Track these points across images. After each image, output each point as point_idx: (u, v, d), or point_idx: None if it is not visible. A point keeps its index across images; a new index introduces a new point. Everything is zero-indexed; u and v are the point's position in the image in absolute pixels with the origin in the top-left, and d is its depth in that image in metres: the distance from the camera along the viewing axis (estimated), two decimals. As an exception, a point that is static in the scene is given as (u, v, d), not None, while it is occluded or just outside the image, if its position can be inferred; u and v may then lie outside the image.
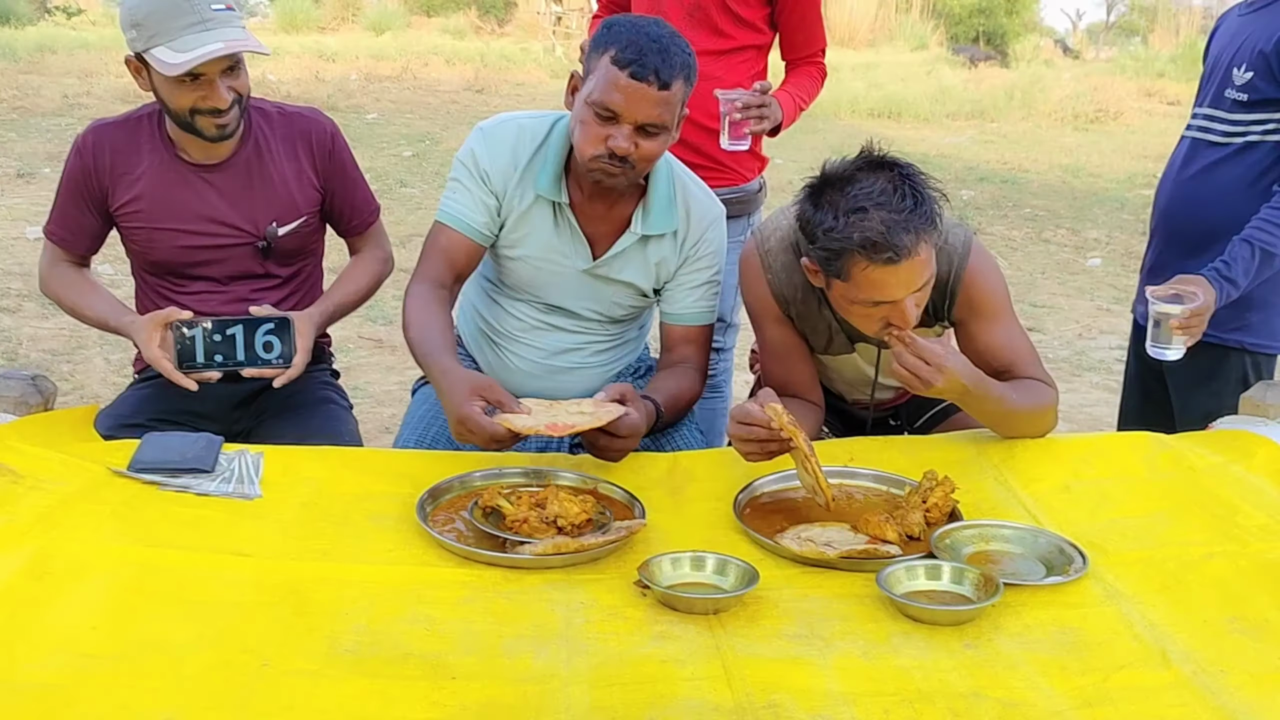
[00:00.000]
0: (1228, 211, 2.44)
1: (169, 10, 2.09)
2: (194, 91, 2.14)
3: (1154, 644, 1.48)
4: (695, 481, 2.01)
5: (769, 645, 1.48)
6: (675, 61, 1.99)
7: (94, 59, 14.38)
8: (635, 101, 1.99)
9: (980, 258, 2.11)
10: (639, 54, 1.97)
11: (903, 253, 1.83)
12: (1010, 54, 20.80)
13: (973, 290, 2.10)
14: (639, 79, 1.97)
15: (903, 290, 1.88)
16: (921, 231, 1.84)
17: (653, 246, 2.23)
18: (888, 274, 1.85)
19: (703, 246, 2.26)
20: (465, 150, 2.22)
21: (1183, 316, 2.20)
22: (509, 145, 2.19)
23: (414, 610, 1.54)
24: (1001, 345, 2.12)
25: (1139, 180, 10.32)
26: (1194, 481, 1.97)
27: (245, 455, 1.98)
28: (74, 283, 2.36)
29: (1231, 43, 2.55)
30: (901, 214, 1.82)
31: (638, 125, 2.01)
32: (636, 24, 2.02)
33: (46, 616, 1.45)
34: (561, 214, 2.19)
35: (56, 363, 4.75)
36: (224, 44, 2.10)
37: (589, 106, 2.02)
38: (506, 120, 2.23)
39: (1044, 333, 5.72)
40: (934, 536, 1.74)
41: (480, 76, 15.39)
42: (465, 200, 2.20)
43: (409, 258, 6.36)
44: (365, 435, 3.19)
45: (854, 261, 1.86)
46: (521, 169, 2.18)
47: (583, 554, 1.69)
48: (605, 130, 2.02)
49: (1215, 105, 2.54)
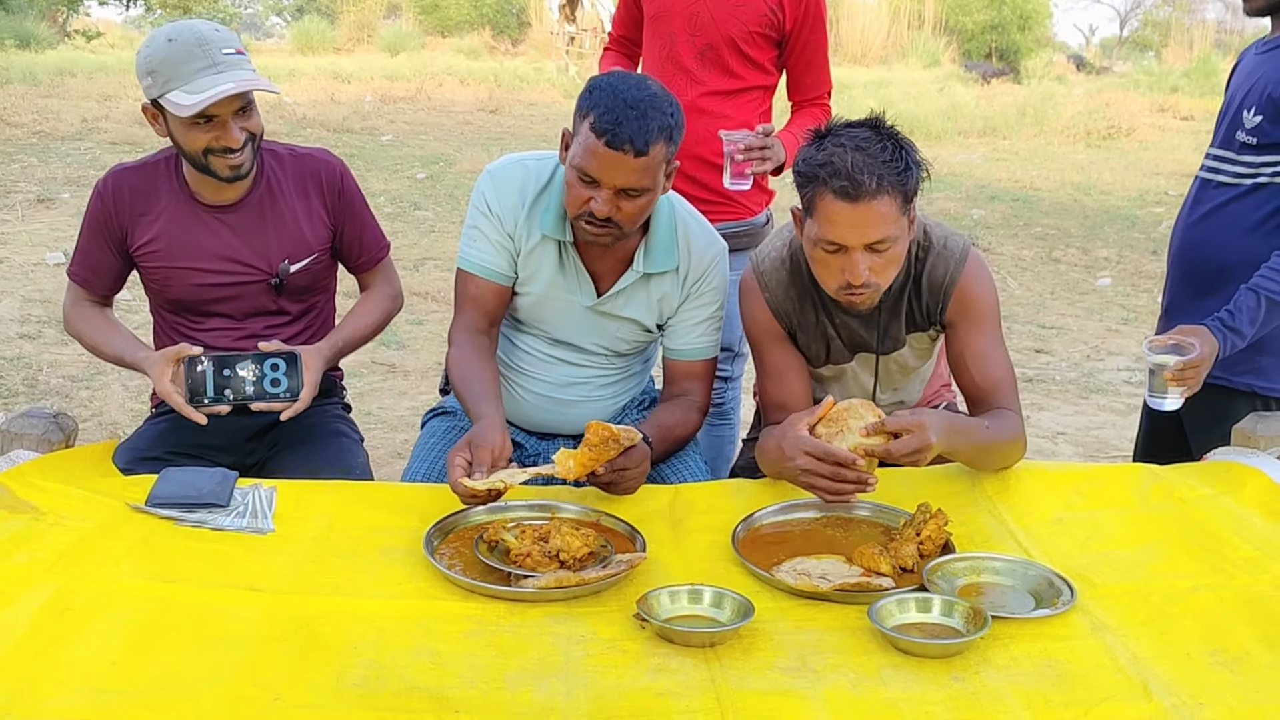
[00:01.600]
0: (1238, 252, 2.45)
1: (182, 56, 2.17)
2: (208, 133, 2.22)
3: (1136, 677, 1.52)
4: (696, 514, 2.06)
5: (762, 678, 1.53)
6: (653, 126, 2.02)
7: (112, 82, 14.55)
8: (612, 169, 2.04)
9: (976, 265, 2.18)
10: (614, 122, 2.00)
11: (860, 190, 1.92)
12: (1023, 70, 20.85)
13: (965, 295, 2.17)
14: (614, 148, 2.01)
15: (855, 235, 1.97)
16: (886, 180, 1.93)
17: (655, 284, 2.29)
18: (844, 210, 1.95)
19: (704, 283, 2.32)
20: (477, 195, 2.29)
21: (1175, 369, 2.22)
22: (516, 185, 2.26)
23: (419, 643, 1.59)
24: (982, 354, 2.18)
25: (1150, 198, 10.35)
26: (1184, 514, 2.01)
27: (259, 490, 2.05)
28: (95, 321, 2.44)
29: (1245, 82, 2.54)
30: (873, 159, 1.93)
31: (617, 190, 2.07)
32: (616, 88, 2.04)
33: (68, 653, 1.51)
34: (566, 252, 2.25)
35: (76, 389, 4.83)
36: (235, 83, 2.18)
37: (572, 170, 2.09)
38: (513, 162, 2.30)
39: (1052, 354, 5.75)
40: (926, 569, 1.79)
41: (494, 97, 15.52)
42: (485, 247, 2.27)
43: (422, 281, 6.52)
44: (378, 460, 3.27)
45: (819, 191, 1.97)
46: (528, 207, 2.25)
47: (584, 588, 1.74)
48: (587, 193, 2.08)
49: (1225, 147, 2.54)
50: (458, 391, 2.20)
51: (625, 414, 2.47)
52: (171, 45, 2.18)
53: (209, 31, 2.21)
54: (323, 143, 11.45)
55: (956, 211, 9.40)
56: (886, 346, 2.27)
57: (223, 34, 2.23)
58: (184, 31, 2.20)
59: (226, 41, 2.22)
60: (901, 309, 2.21)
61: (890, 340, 2.26)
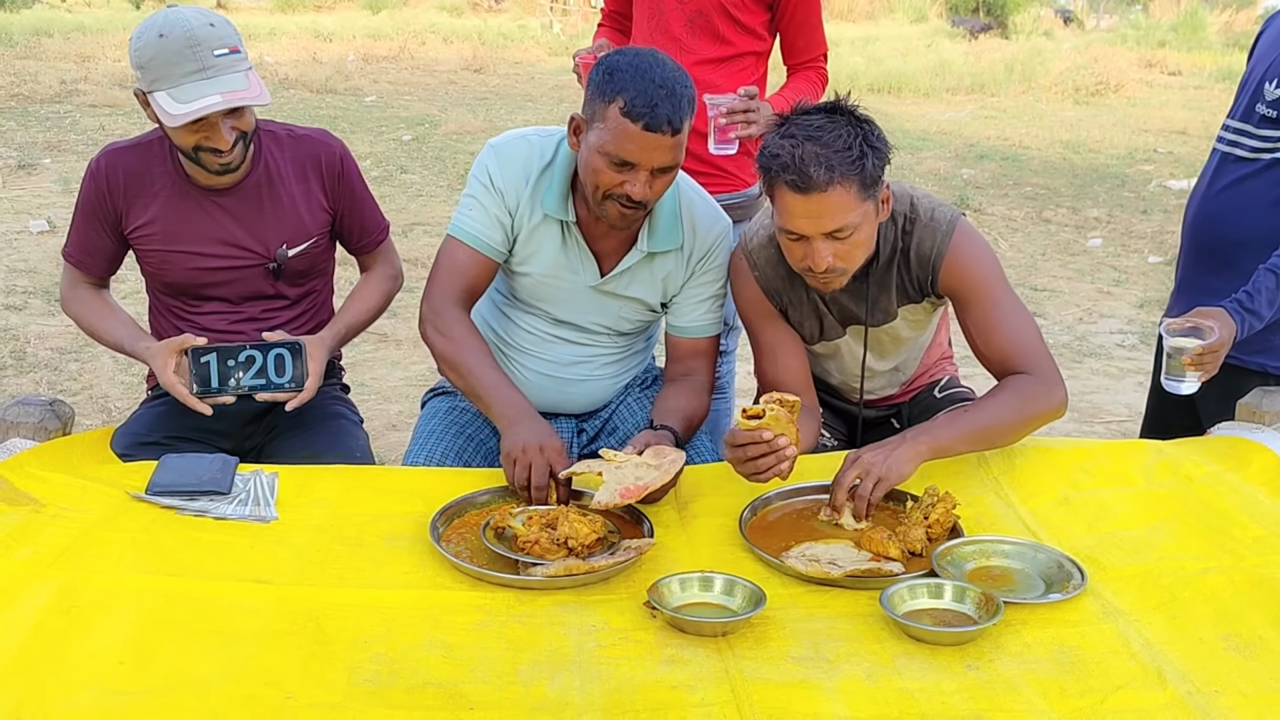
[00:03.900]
0: (1254, 227, 2.41)
1: (171, 57, 2.11)
2: (196, 133, 2.17)
3: (1150, 663, 1.52)
4: (703, 496, 2.05)
5: (776, 668, 1.53)
6: (683, 102, 2.01)
7: (90, 43, 14.36)
8: (651, 151, 2.01)
9: (965, 237, 2.15)
10: (650, 105, 1.97)
11: (810, 183, 1.91)
12: (1010, 25, 20.73)
13: (955, 267, 2.14)
14: (654, 130, 1.98)
15: (811, 225, 1.96)
16: (839, 170, 1.91)
17: (659, 262, 2.26)
18: (797, 202, 1.94)
19: (709, 260, 2.29)
20: (479, 166, 2.24)
21: (1193, 353, 2.17)
22: (521, 161, 2.21)
23: (431, 636, 1.58)
24: (995, 325, 2.14)
25: (1139, 156, 10.33)
26: (1191, 492, 2.01)
27: (260, 476, 2.03)
28: (93, 306, 2.40)
29: (1268, 53, 2.48)
30: (825, 149, 1.91)
31: (654, 170, 2.04)
32: (640, 69, 2.00)
33: (75, 652, 1.49)
34: (569, 232, 2.22)
35: (65, 361, 4.79)
36: (222, 96, 2.12)
37: (601, 156, 2.03)
38: (517, 137, 2.25)
39: (1045, 318, 5.75)
40: (935, 553, 1.79)
41: (478, 55, 15.36)
42: (481, 218, 2.22)
43: (412, 247, 6.46)
44: (373, 432, 3.24)
45: (775, 182, 1.96)
46: (532, 185, 2.21)
47: (593, 575, 1.73)
48: (620, 177, 2.04)
49: (1245, 119, 2.48)
50: (472, 377, 2.14)
51: (628, 392, 2.45)
52: (162, 42, 2.11)
53: (202, 29, 2.12)
54: (305, 104, 11.36)
55: (946, 171, 9.37)
56: (877, 319, 2.25)
57: (218, 30, 2.15)
58: (176, 27, 2.11)
59: (220, 40, 2.14)
60: (891, 281, 2.19)
61: (880, 313, 2.24)
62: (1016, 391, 2.10)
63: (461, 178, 8.30)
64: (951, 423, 2.06)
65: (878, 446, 1.96)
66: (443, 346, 2.19)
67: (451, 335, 2.18)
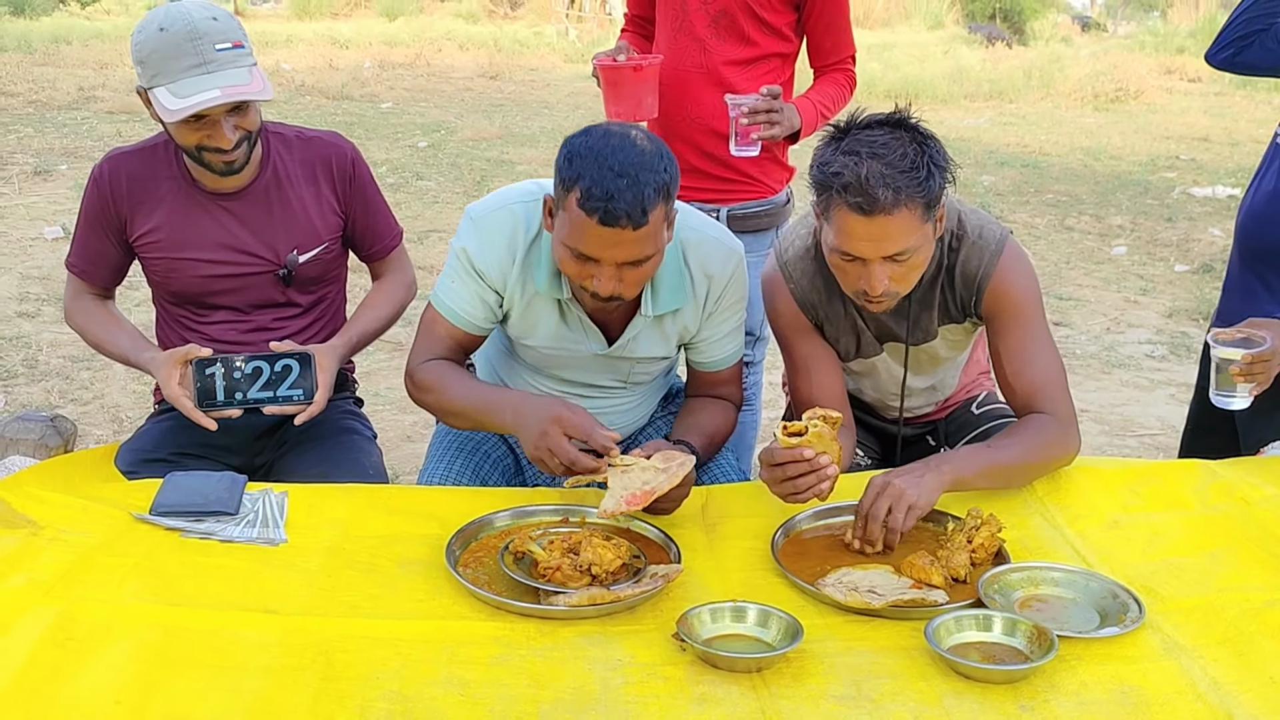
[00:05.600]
0: None
1: (171, 51, 2.03)
2: (198, 131, 2.10)
3: (1219, 706, 1.42)
4: (730, 518, 1.96)
5: (816, 708, 1.43)
6: (647, 192, 1.78)
7: (108, 49, 14.35)
8: (611, 247, 1.82)
9: (1013, 258, 2.06)
10: (605, 197, 1.76)
11: (875, 205, 1.80)
12: (1028, 31, 20.60)
13: (1001, 289, 2.05)
14: (610, 224, 1.78)
15: (871, 249, 1.85)
16: (905, 192, 1.80)
17: (669, 320, 2.11)
18: (859, 224, 1.83)
19: (725, 298, 2.12)
20: (458, 242, 2.06)
21: (1243, 363, 2.06)
22: (504, 238, 2.03)
23: (447, 671, 1.49)
24: (1019, 353, 2.06)
25: (1161, 163, 10.19)
26: (1249, 516, 1.91)
27: (269, 495, 1.94)
28: (97, 317, 2.32)
29: None
30: (891, 169, 1.80)
31: (619, 264, 1.85)
32: (600, 154, 1.79)
33: (70, 689, 1.40)
34: (568, 308, 2.07)
35: (76, 370, 4.72)
36: (221, 91, 2.04)
37: (564, 248, 1.87)
38: (498, 207, 2.05)
39: (1071, 327, 5.63)
40: (981, 581, 1.69)
41: (494, 62, 15.30)
42: (463, 294, 2.07)
43: (428, 254, 6.39)
44: (387, 444, 3.15)
45: (834, 202, 1.85)
46: (519, 261, 2.03)
47: (618, 605, 1.64)
48: (586, 270, 1.87)
49: None
50: (467, 408, 2.04)
51: (650, 417, 2.35)
52: (163, 36, 2.03)
53: (204, 22, 2.04)
54: (321, 111, 11.32)
55: (966, 178, 9.25)
56: (917, 338, 2.16)
57: (220, 24, 2.07)
58: (177, 20, 2.03)
59: (223, 34, 2.06)
60: (934, 300, 2.10)
61: (921, 332, 2.15)
62: (1039, 435, 2.02)
63: (478, 184, 8.23)
64: (975, 456, 1.99)
65: (904, 472, 1.86)
66: (427, 400, 2.11)
67: (429, 385, 2.09)
